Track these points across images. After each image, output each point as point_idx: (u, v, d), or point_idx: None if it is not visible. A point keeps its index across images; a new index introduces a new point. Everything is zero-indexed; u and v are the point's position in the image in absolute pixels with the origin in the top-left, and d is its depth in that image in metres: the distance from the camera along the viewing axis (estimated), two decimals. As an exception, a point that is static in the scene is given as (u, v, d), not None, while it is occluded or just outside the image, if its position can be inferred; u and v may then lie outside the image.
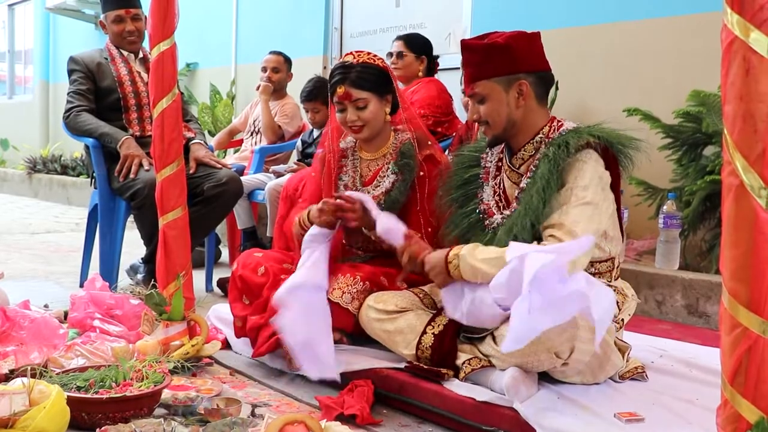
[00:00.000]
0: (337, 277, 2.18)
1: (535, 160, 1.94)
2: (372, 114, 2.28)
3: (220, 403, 1.81)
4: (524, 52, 1.94)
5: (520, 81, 1.93)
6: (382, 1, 5.05)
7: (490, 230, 2.00)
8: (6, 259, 4.09)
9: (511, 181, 2.03)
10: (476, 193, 2.09)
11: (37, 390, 1.60)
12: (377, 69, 2.31)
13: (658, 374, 2.04)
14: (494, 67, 1.93)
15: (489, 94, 1.95)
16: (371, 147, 2.40)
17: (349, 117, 2.28)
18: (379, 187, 2.34)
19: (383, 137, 2.37)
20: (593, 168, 1.87)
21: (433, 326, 1.96)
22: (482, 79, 1.95)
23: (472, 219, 2.06)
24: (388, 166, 2.34)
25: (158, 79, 2.27)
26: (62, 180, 7.48)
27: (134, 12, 3.33)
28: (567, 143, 1.87)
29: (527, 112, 1.96)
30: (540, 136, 1.97)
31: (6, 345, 2.08)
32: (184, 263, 2.29)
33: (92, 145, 3.22)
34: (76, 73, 3.32)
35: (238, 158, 4.41)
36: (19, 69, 10.23)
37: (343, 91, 2.26)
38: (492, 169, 2.10)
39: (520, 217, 1.88)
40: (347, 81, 2.26)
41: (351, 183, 2.39)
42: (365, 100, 2.27)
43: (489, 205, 2.04)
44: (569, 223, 1.81)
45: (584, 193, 1.84)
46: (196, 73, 6.71)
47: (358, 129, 2.30)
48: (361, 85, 2.26)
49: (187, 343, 2.20)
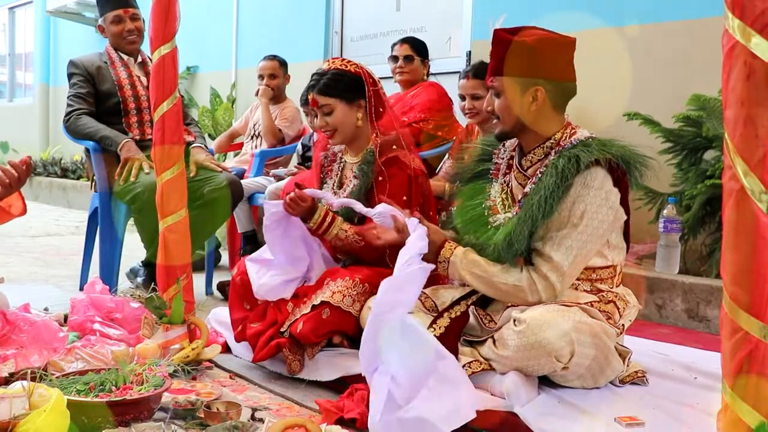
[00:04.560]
0: (336, 281, 2.18)
1: (543, 165, 1.94)
2: (338, 119, 2.36)
3: (221, 406, 1.81)
4: (549, 58, 1.92)
5: (537, 87, 1.92)
6: (383, 5, 5.06)
7: (492, 228, 2.01)
8: (6, 262, 4.09)
9: (517, 182, 2.03)
10: (484, 188, 2.10)
11: (37, 393, 1.59)
12: (348, 75, 2.36)
13: (658, 378, 2.04)
14: (516, 67, 1.93)
15: (504, 91, 1.96)
16: (353, 150, 2.46)
17: (318, 123, 2.41)
18: (345, 191, 2.40)
19: (362, 141, 2.41)
20: (596, 192, 1.87)
21: (434, 328, 1.96)
22: (502, 74, 1.95)
23: (476, 212, 2.07)
24: (354, 171, 2.40)
25: (159, 83, 2.27)
26: (62, 183, 7.48)
27: (132, 12, 3.34)
28: (578, 158, 1.86)
29: (539, 118, 1.95)
30: (551, 142, 1.97)
31: (6, 348, 2.08)
32: (184, 267, 2.29)
33: (92, 148, 3.22)
34: (76, 77, 3.33)
35: (238, 161, 4.41)
36: (20, 72, 10.24)
37: (311, 97, 2.39)
38: (503, 166, 2.10)
39: (519, 224, 1.89)
40: (315, 88, 2.37)
41: (330, 187, 2.47)
42: (330, 106, 2.35)
43: (495, 202, 2.05)
44: (558, 259, 1.86)
45: (580, 221, 1.86)
46: (197, 76, 6.72)
47: (330, 134, 2.40)
48: (327, 92, 2.35)
49: (187, 346, 2.19)
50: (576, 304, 1.85)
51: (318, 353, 2.17)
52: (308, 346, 2.16)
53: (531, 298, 1.89)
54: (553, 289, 1.88)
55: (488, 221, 2.03)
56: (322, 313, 2.13)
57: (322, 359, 2.15)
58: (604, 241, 1.94)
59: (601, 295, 1.97)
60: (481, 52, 4.15)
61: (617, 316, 1.96)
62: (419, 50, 3.75)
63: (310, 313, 2.14)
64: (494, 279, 1.92)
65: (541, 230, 1.88)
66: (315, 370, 2.12)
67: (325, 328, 2.14)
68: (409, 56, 3.71)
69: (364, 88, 2.37)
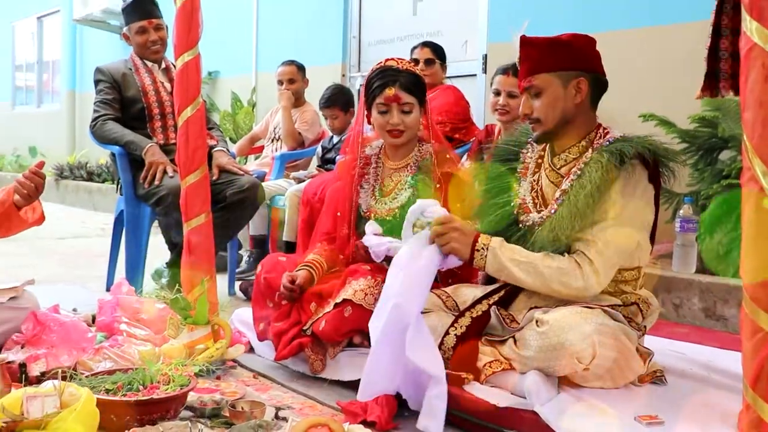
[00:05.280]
0: (358, 280, 2.20)
1: (579, 163, 1.95)
2: (414, 120, 2.31)
3: (245, 405, 1.84)
4: (585, 51, 1.97)
5: (580, 78, 1.94)
6: (400, 9, 5.09)
7: (525, 227, 2.02)
8: (35, 264, 4.17)
9: (549, 180, 2.04)
10: (511, 187, 2.11)
11: (68, 392, 1.63)
12: (419, 78, 2.35)
13: (677, 378, 2.04)
14: (555, 61, 1.94)
15: (546, 88, 1.96)
16: (398, 155, 2.40)
17: (395, 120, 2.29)
18: (396, 200, 2.36)
19: (410, 146, 2.39)
20: (635, 183, 1.89)
21: (455, 328, 1.97)
22: (541, 72, 1.95)
23: (504, 212, 2.08)
24: (407, 179, 2.36)
25: (183, 89, 2.32)
26: (88, 186, 7.59)
27: (156, 22, 3.40)
28: (621, 152, 1.88)
29: (581, 111, 1.97)
30: (585, 141, 1.99)
31: (37, 348, 2.12)
32: (208, 268, 2.33)
33: (118, 152, 3.28)
34: (102, 84, 3.40)
35: (259, 164, 4.46)
36: (47, 79, 10.40)
37: (393, 93, 2.27)
38: (531, 165, 2.11)
39: (564, 220, 1.90)
40: (398, 83, 2.27)
41: (370, 192, 2.41)
42: (411, 105, 2.29)
43: (525, 201, 2.06)
44: (602, 243, 1.86)
45: (621, 214, 1.87)
46: (218, 81, 6.79)
47: (398, 133, 2.31)
48: (410, 90, 2.29)
49: (211, 346, 2.23)
50: (598, 306, 1.86)
51: (339, 353, 2.20)
52: (330, 346, 2.18)
53: (575, 282, 1.87)
54: (597, 276, 1.86)
55: (519, 220, 2.04)
56: (344, 311, 2.14)
57: (344, 359, 2.18)
58: (642, 235, 1.94)
59: (624, 297, 1.98)
60: (498, 55, 4.16)
61: (639, 318, 1.97)
62: (439, 54, 3.77)
63: (332, 311, 2.15)
64: (537, 263, 1.90)
65: (589, 218, 1.88)
66: (337, 369, 2.15)
67: (347, 326, 2.15)
68: (430, 59, 3.73)
69: (426, 93, 2.36)
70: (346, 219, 2.40)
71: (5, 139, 10.50)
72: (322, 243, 2.42)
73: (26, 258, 4.39)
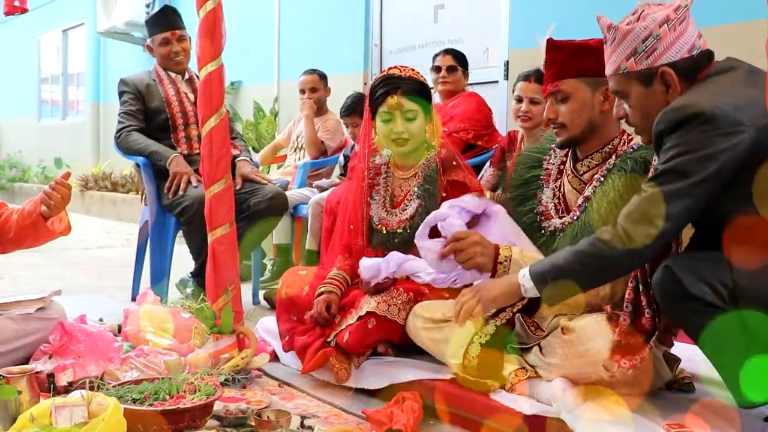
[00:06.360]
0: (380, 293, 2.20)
1: (603, 169, 1.94)
2: (419, 128, 2.28)
3: (271, 414, 1.85)
4: None
5: (607, 86, 1.92)
6: (421, 17, 5.09)
7: (547, 233, 2.01)
8: (62, 275, 4.23)
9: (572, 186, 2.03)
10: (535, 194, 2.10)
11: (96, 402, 1.65)
12: (423, 85, 2.32)
13: (704, 384, 2.01)
14: (583, 67, 1.93)
15: (574, 93, 1.94)
16: (405, 164, 2.39)
17: (398, 128, 2.26)
18: (405, 211, 2.34)
19: (418, 155, 2.36)
20: None
21: (480, 336, 1.97)
22: (569, 77, 1.94)
23: (528, 219, 2.07)
24: (415, 189, 2.33)
25: (206, 99, 2.34)
26: (113, 197, 7.69)
27: (179, 33, 3.44)
28: (645, 160, 1.87)
29: (608, 117, 1.95)
30: (609, 147, 1.97)
31: (65, 358, 2.15)
32: (232, 277, 2.34)
33: (142, 163, 3.32)
34: (127, 95, 3.44)
35: (282, 173, 4.48)
36: (72, 91, 10.57)
37: (395, 100, 2.24)
38: (554, 171, 2.10)
39: (587, 227, 1.88)
40: (399, 91, 2.24)
41: (381, 204, 2.39)
42: (415, 112, 2.26)
43: (548, 207, 2.05)
44: None
45: None
46: (240, 91, 6.84)
47: (402, 142, 2.28)
48: (413, 97, 2.25)
49: (236, 355, 2.24)
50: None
51: (364, 362, 2.20)
52: (354, 356, 2.18)
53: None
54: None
55: (542, 227, 2.03)
56: (367, 323, 2.14)
57: (369, 367, 2.18)
58: None
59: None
60: (519, 61, 4.14)
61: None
62: (461, 61, 3.77)
63: (356, 323, 2.16)
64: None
65: None
66: (362, 378, 2.15)
67: (370, 338, 2.16)
68: (452, 66, 3.73)
69: (431, 100, 2.35)
70: (359, 231, 2.38)
71: (31, 151, 10.68)
72: (342, 256, 2.40)
73: (53, 269, 4.46)
